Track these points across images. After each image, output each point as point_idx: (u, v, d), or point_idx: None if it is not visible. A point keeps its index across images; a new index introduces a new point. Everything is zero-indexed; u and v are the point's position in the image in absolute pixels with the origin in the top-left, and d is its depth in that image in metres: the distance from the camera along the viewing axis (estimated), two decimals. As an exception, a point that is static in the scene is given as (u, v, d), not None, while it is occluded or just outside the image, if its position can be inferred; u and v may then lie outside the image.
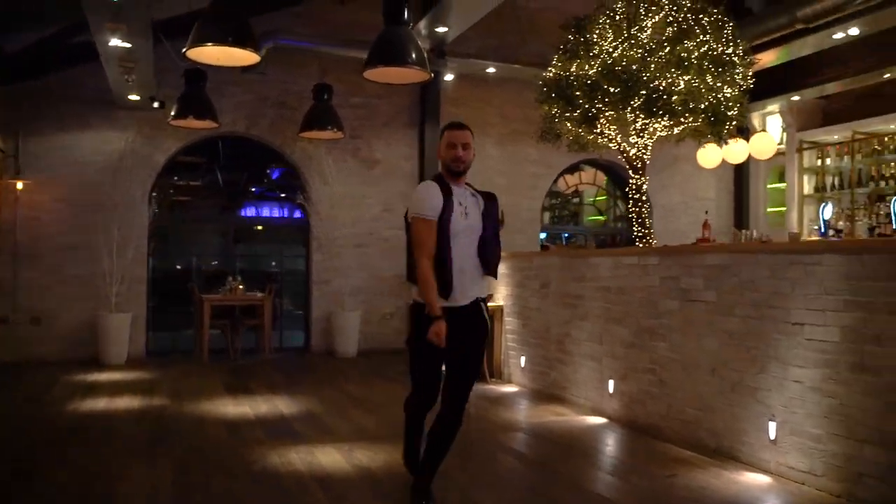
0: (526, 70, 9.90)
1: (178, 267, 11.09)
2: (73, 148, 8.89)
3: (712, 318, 4.89)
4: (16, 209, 8.68)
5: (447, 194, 3.46)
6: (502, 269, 7.96)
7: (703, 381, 4.97)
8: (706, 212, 11.19)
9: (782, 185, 11.57)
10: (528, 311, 7.41)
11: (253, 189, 12.48)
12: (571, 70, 6.76)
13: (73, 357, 8.73)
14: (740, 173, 12.05)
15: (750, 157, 10.05)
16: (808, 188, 11.22)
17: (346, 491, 4.05)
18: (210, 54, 5.54)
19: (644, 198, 7.05)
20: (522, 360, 7.46)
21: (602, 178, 12.43)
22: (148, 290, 9.22)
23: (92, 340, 8.72)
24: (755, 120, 11.94)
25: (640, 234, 6.99)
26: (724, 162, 9.75)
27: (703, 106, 6.36)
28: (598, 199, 13.10)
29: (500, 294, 7.95)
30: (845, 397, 3.96)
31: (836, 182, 10.87)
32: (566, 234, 12.72)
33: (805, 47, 8.46)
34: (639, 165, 7.03)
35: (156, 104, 8.54)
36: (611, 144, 7.05)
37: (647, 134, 6.86)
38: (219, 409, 6.18)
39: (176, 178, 10.38)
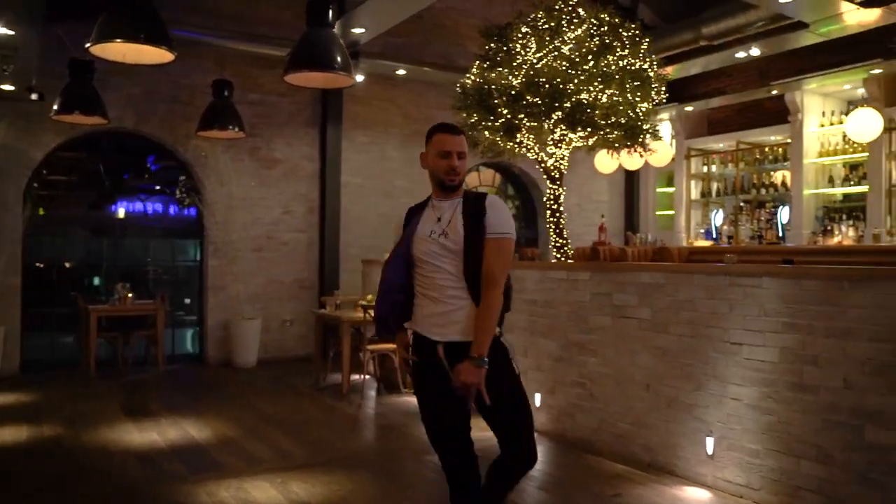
0: (431, 72, 9.78)
1: (55, 269, 10.17)
2: (-66, 142, 7.92)
3: (647, 334, 4.96)
4: None
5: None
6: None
7: (637, 396, 5.04)
8: (602, 215, 11.53)
9: (671, 189, 12.08)
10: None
11: (143, 186, 11.63)
12: (492, 78, 6.68)
13: (-65, 376, 7.81)
14: (631, 177, 12.47)
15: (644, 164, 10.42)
16: (694, 193, 11.77)
17: (294, 534, 3.79)
18: (116, 50, 5.04)
19: (561, 208, 7.10)
20: (438, 370, 7.34)
21: (499, 179, 12.51)
22: (23, 300, 8.37)
23: (-42, 357, 7.82)
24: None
25: (558, 245, 7.03)
26: (619, 167, 10.01)
27: (623, 120, 6.46)
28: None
29: (414, 302, 7.79)
30: (783, 415, 4.11)
31: (721, 188, 11.47)
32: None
33: (708, 63, 8.81)
34: (556, 176, 7.07)
35: (34, 96, 7.73)
36: (529, 154, 7.05)
37: (565, 144, 6.91)
38: (123, 438, 5.67)
39: (53, 174, 9.49)
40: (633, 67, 6.53)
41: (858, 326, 3.76)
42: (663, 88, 6.94)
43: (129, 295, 8.59)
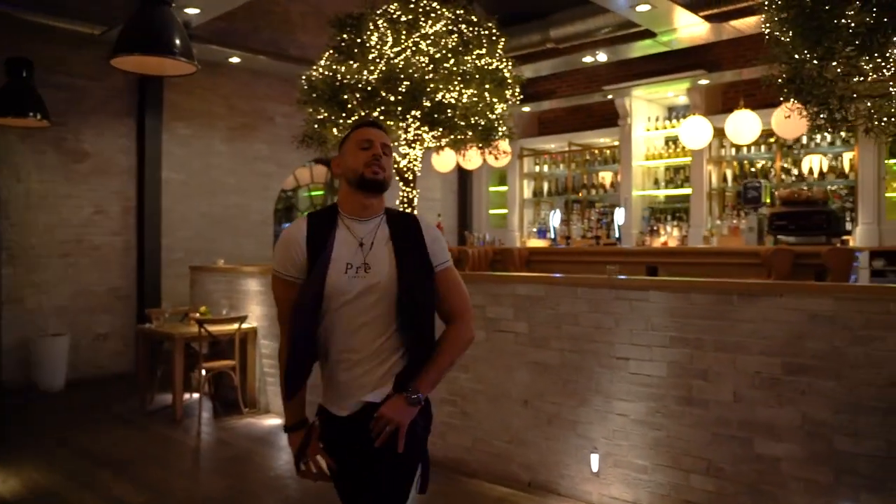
0: (265, 61, 9.07)
1: None
2: None
3: (524, 349, 4.77)
4: None
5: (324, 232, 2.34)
6: (256, 284, 7.15)
7: (515, 413, 4.83)
8: (438, 214, 11.41)
9: (503, 188, 12.19)
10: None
11: None
12: (344, 72, 6.20)
13: None
14: (465, 176, 12.44)
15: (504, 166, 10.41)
16: (527, 192, 11.95)
17: None
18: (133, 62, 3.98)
19: (416, 212, 6.78)
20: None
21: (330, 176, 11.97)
22: None
23: None
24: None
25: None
26: (475, 169, 9.94)
27: (483, 122, 6.25)
28: (314, 193, 12.54)
29: (255, 314, 7.13)
30: (672, 429, 4.06)
31: (552, 187, 11.74)
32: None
33: (555, 66, 8.86)
34: (410, 178, 6.74)
35: None
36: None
37: (419, 144, 6.60)
38: None
39: None
40: (490, 67, 6.35)
41: (748, 340, 3.78)
42: (517, 90, 6.83)
43: None
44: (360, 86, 6.02)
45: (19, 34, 7.57)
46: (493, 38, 6.48)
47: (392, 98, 5.94)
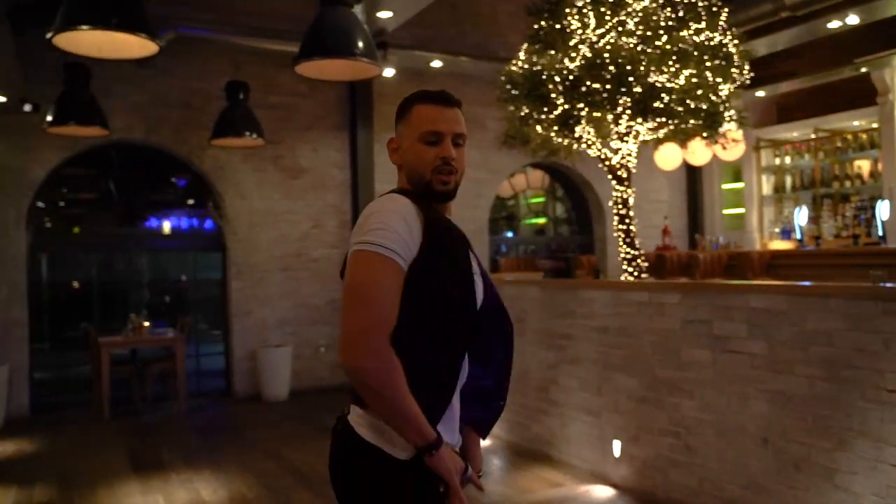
0: (469, 63, 8.77)
1: (65, 298, 9.42)
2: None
3: (761, 374, 3.88)
4: None
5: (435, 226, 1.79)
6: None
7: (750, 452, 3.96)
8: (665, 217, 10.42)
9: (738, 185, 10.90)
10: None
11: (158, 201, 10.86)
12: (545, 63, 5.64)
13: (-67, 423, 7.04)
14: (694, 174, 11.31)
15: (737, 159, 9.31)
16: (766, 188, 10.58)
17: None
18: (89, 42, 4.13)
19: (631, 213, 6.03)
20: (491, 405, 6.32)
21: (548, 181, 11.45)
22: (30, 334, 7.58)
23: (-43, 401, 7.06)
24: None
25: (629, 257, 5.95)
26: (704, 164, 8.93)
27: (704, 105, 5.38)
28: (534, 200, 12.09)
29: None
30: (975, 492, 3.00)
31: (797, 182, 10.26)
32: (504, 248, 11.60)
33: (792, 38, 7.64)
34: (623, 175, 6.00)
35: (27, 107, 6.93)
36: (589, 151, 5.99)
37: (632, 137, 5.85)
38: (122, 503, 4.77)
39: (58, 194, 8.73)
40: (711, 43, 5.45)
41: None
42: (747, 67, 5.83)
43: (145, 324, 7.73)
44: (560, 77, 5.43)
45: (239, 59, 7.94)
46: (714, 9, 5.57)
47: (597, 86, 5.28)
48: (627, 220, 5.99)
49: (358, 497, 1.76)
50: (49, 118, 6.51)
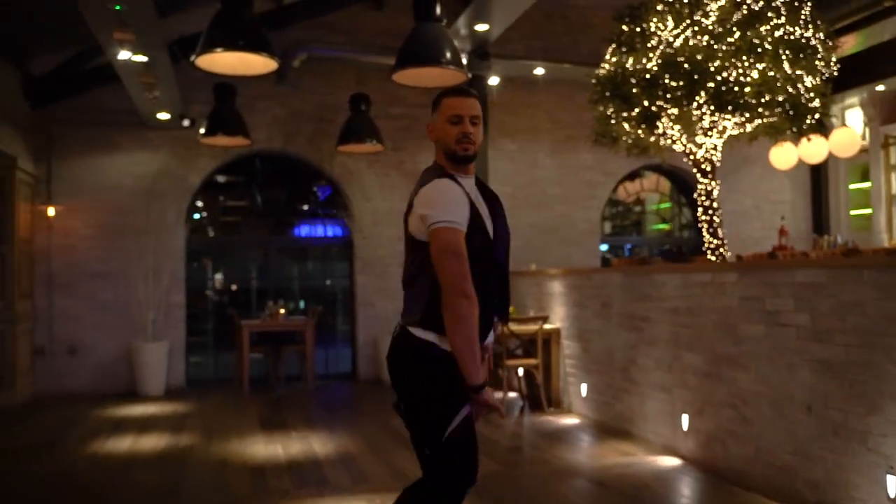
0: (577, 70, 9.17)
1: (220, 289, 10.71)
2: (105, 171, 8.56)
3: (806, 345, 4.11)
4: (49, 236, 8.39)
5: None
6: (559, 287, 7.28)
7: (797, 420, 4.18)
8: (782, 217, 10.28)
9: (866, 184, 10.54)
10: (588, 333, 6.70)
11: (304, 207, 12.06)
12: (627, 65, 6.05)
13: (111, 389, 8.37)
14: (818, 173, 11.04)
15: (829, 156, 9.12)
16: (896, 187, 10.18)
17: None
18: (224, 62, 5.04)
19: (715, 204, 6.27)
20: (583, 387, 6.73)
21: (665, 184, 11.57)
22: (186, 316, 8.82)
23: (128, 371, 8.36)
24: (833, 115, 10.98)
25: (711, 246, 6.20)
26: (800, 162, 8.86)
27: (780, 98, 5.57)
28: (661, 206, 12.25)
29: (557, 315, 7.25)
30: None
31: (930, 179, 9.82)
32: (629, 245, 11.91)
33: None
34: (707, 168, 6.27)
35: (186, 122, 8.16)
36: (675, 146, 6.31)
37: (716, 133, 6.10)
38: (247, 451, 5.64)
39: (210, 197, 10.02)
40: (790, 38, 5.63)
41: None
42: (833, 60, 5.93)
43: (281, 311, 8.76)
44: (639, 76, 5.81)
45: (364, 75, 8.83)
46: (796, 3, 5.74)
47: (673, 84, 5.62)
48: (711, 211, 6.24)
49: (412, 377, 2.45)
50: (202, 131, 7.65)
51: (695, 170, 6.34)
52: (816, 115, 5.90)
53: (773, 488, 4.32)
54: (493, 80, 8.60)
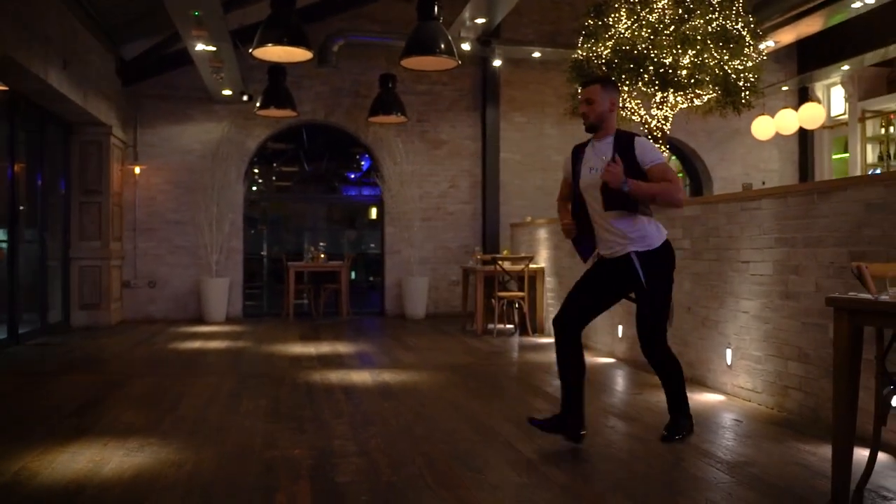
0: (571, 53, 10.61)
1: (268, 234, 12.58)
2: (179, 137, 10.43)
3: (688, 263, 5.59)
4: (135, 190, 10.31)
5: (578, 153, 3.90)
6: (544, 233, 8.80)
7: (682, 319, 5.68)
8: (763, 182, 11.54)
9: (846, 155, 11.68)
10: (562, 270, 8.22)
11: (350, 176, 13.80)
12: (589, 50, 7.50)
13: (183, 316, 10.29)
14: (804, 144, 12.22)
15: (818, 128, 10.36)
16: (871, 157, 11.30)
17: (362, 394, 5.10)
18: (273, 53, 6.71)
19: (664, 165, 7.70)
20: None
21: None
22: (244, 259, 10.66)
23: (196, 302, 10.24)
24: (818, 91, 12.11)
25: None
26: (791, 133, 10.08)
27: (707, 79, 6.96)
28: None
29: (542, 257, 8.79)
30: (776, 322, 4.62)
31: (900, 149, 10.92)
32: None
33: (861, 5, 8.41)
34: (658, 135, 7.68)
35: (245, 97, 9.92)
36: (633, 117, 7.74)
37: (667, 106, 7.51)
38: (288, 350, 7.40)
39: (274, 164, 11.83)
40: (718, 29, 6.99)
41: (825, 234, 4.22)
42: (763, 47, 7.27)
43: (322, 255, 10.52)
44: (598, 61, 7.28)
45: (392, 57, 10.42)
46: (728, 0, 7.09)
47: (624, 67, 7.07)
48: (660, 171, 7.68)
49: (660, 265, 3.97)
50: (258, 104, 9.38)
51: (649, 137, 7.77)
52: (746, 94, 7.26)
53: (667, 371, 5.83)
54: (497, 63, 10.10)
